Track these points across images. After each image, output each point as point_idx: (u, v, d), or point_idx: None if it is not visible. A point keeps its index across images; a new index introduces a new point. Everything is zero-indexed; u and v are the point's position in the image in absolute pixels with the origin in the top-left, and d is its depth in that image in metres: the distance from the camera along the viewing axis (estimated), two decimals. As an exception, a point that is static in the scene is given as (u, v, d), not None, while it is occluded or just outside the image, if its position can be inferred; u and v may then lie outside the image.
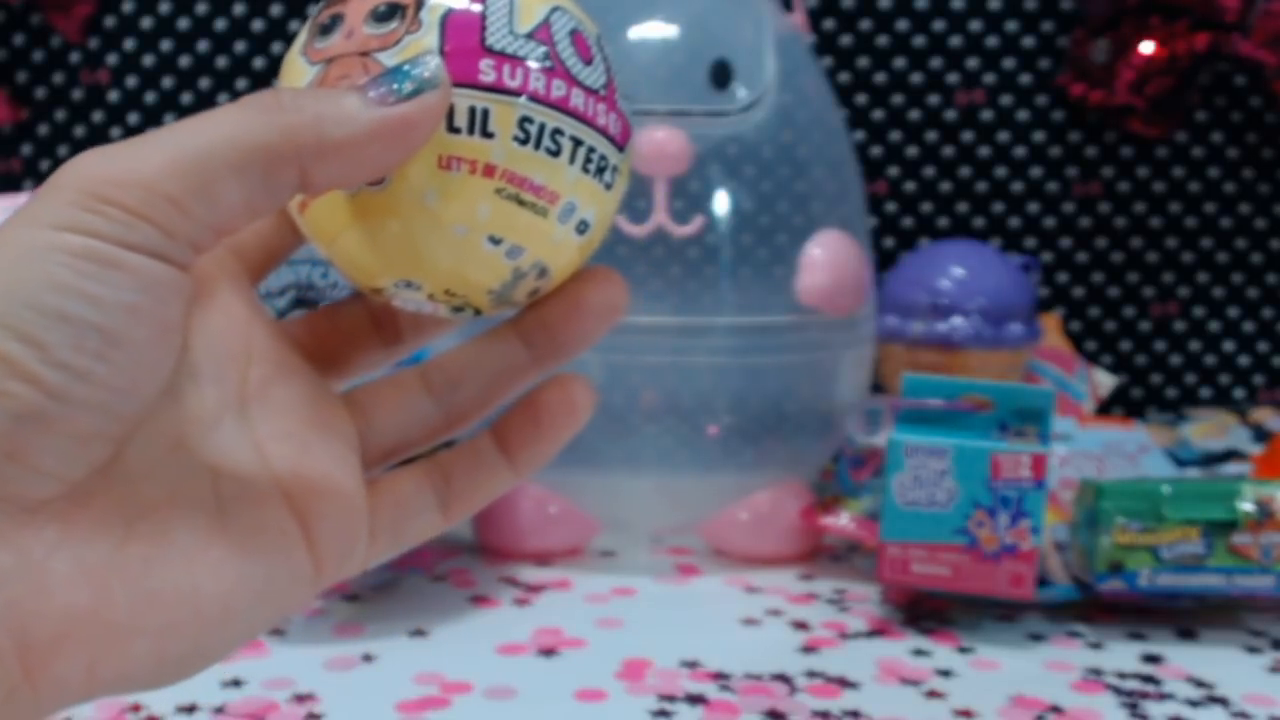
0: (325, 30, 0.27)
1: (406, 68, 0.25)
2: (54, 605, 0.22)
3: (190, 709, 0.48)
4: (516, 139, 0.26)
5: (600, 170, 0.28)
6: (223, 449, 0.26)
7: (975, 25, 0.96)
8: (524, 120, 0.26)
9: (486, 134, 0.26)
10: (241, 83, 0.96)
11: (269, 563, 0.26)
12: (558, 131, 0.27)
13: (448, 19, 0.26)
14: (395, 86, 0.25)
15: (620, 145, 0.29)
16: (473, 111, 0.26)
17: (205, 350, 0.26)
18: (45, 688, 0.22)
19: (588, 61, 0.28)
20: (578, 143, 0.27)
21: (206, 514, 0.25)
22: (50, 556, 0.22)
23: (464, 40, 0.26)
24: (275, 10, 0.96)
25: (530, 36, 0.27)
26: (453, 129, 0.26)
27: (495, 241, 0.27)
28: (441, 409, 0.30)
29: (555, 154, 0.27)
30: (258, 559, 0.26)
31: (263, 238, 0.30)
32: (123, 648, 0.23)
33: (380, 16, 0.26)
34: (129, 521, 0.24)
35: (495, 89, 0.26)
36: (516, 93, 0.26)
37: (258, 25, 0.96)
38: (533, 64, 0.27)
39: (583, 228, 0.28)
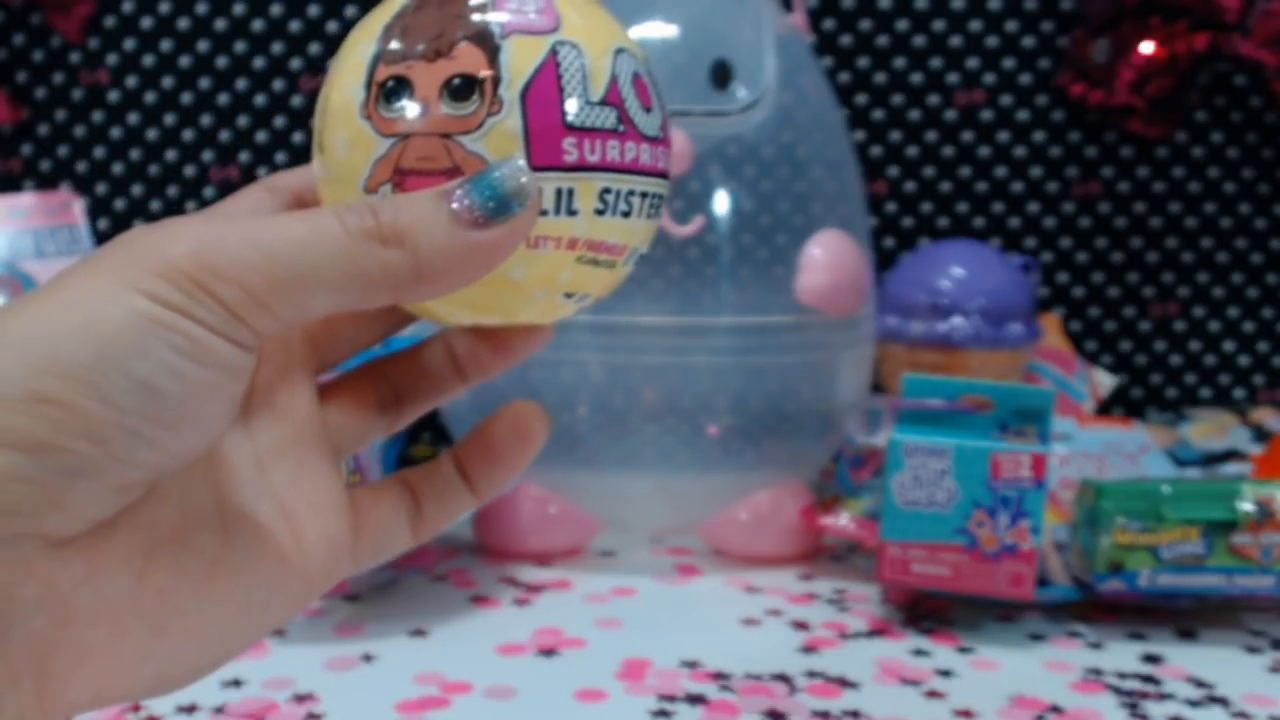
0: (390, 95, 0.26)
1: (495, 181, 0.25)
2: (72, 638, 0.23)
3: (190, 709, 0.48)
4: (597, 211, 0.27)
5: (656, 209, 0.29)
6: (226, 461, 0.27)
7: (975, 25, 0.96)
8: (604, 192, 0.27)
9: (571, 212, 0.27)
10: (242, 83, 0.96)
11: (268, 586, 0.27)
12: (630, 193, 0.28)
13: (527, 95, 0.26)
14: (484, 201, 0.25)
15: (668, 175, 0.30)
16: (559, 193, 0.26)
17: None
18: (54, 711, 0.23)
19: (648, 109, 0.28)
20: (644, 195, 0.28)
21: (214, 538, 0.26)
22: (75, 591, 0.23)
23: (546, 118, 0.26)
24: (275, 10, 0.96)
25: (604, 102, 0.27)
26: (540, 211, 0.26)
27: (569, 295, 0.28)
28: (385, 416, 0.32)
29: (628, 215, 0.28)
30: (258, 582, 0.27)
31: None
32: (131, 674, 0.24)
33: (457, 92, 0.26)
34: (148, 551, 0.25)
35: (578, 168, 0.26)
36: (597, 168, 0.27)
37: (258, 25, 0.96)
38: (609, 133, 0.27)
39: (637, 259, 0.30)
